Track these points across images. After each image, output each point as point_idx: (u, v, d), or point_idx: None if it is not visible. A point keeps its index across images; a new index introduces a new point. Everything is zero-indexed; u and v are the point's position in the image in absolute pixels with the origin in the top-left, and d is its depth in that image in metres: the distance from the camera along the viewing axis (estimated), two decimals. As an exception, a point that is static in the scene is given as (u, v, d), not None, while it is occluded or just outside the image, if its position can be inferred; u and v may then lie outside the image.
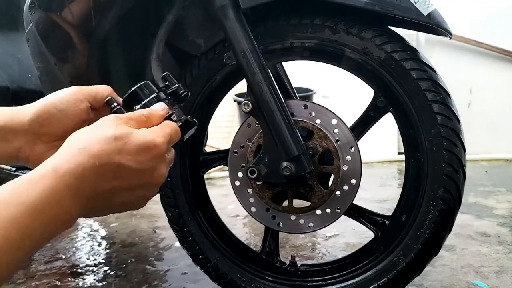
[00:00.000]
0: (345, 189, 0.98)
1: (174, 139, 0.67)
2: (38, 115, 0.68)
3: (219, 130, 2.67)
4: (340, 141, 0.97)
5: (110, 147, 0.57)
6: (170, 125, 0.66)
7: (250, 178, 0.97)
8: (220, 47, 1.04)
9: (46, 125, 0.68)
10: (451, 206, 0.95)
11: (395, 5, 0.89)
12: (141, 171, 0.60)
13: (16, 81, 1.39)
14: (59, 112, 0.68)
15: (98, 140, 0.57)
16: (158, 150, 0.62)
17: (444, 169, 0.94)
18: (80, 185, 0.56)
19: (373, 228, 1.07)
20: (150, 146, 0.60)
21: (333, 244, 1.65)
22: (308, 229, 1.03)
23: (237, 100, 2.02)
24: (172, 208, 1.13)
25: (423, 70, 0.94)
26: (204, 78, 1.06)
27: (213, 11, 0.92)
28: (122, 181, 0.59)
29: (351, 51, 0.97)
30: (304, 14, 0.98)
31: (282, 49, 1.02)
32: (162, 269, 1.49)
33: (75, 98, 0.70)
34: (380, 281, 1.01)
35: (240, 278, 1.11)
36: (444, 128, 0.93)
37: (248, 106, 0.94)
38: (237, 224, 1.87)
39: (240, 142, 1.02)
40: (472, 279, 1.35)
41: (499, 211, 1.93)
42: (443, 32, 0.94)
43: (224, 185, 2.39)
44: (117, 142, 0.58)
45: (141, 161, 0.60)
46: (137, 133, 0.60)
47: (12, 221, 0.49)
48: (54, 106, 0.68)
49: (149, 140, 0.61)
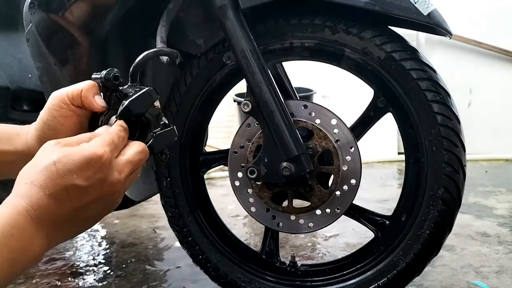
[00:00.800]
0: (345, 189, 0.98)
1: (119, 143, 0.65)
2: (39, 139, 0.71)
3: (219, 130, 2.68)
4: (340, 141, 0.97)
5: (52, 173, 0.58)
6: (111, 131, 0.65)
7: (250, 178, 0.97)
8: (220, 47, 1.04)
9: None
10: (451, 206, 0.95)
11: (395, 5, 0.89)
12: (91, 185, 0.60)
13: (16, 81, 1.39)
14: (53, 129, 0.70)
15: (40, 170, 0.58)
16: (102, 160, 0.60)
17: (444, 169, 0.94)
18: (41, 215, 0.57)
19: (373, 228, 1.07)
20: (92, 159, 0.60)
21: (333, 244, 1.65)
22: (308, 229, 1.03)
23: (237, 100, 2.02)
24: (172, 208, 1.13)
25: (423, 70, 0.94)
26: (204, 78, 1.06)
27: (213, 11, 0.92)
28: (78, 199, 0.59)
29: (351, 51, 0.97)
30: (304, 14, 0.98)
31: (282, 49, 1.02)
32: (162, 269, 1.49)
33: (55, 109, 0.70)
34: (380, 281, 1.01)
35: (240, 278, 1.11)
36: (444, 128, 0.93)
37: (248, 106, 0.94)
38: (237, 224, 1.87)
39: (240, 142, 1.02)
40: (472, 279, 1.35)
41: (499, 211, 1.93)
42: (443, 32, 0.94)
43: (224, 185, 2.39)
44: (57, 166, 0.58)
45: (87, 176, 0.59)
46: (74, 151, 0.60)
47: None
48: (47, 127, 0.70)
49: (88, 154, 0.60)
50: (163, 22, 0.99)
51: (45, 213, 0.57)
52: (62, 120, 0.70)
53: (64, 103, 0.70)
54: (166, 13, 0.99)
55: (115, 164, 0.63)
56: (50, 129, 0.70)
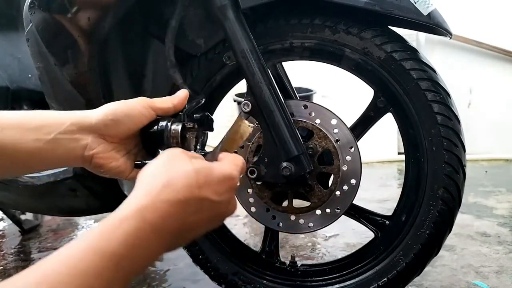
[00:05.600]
0: (345, 189, 0.98)
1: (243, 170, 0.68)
2: (105, 116, 0.70)
3: (219, 130, 2.67)
4: (340, 141, 0.97)
5: (192, 181, 0.57)
6: (239, 157, 0.69)
7: (250, 178, 0.97)
8: (220, 47, 1.04)
9: (111, 126, 0.70)
10: (451, 206, 0.95)
11: (395, 5, 0.89)
12: (219, 203, 0.61)
13: (16, 81, 1.39)
14: (124, 115, 0.70)
15: (179, 175, 0.57)
16: (235, 182, 0.63)
17: (444, 169, 0.94)
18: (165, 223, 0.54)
19: (373, 228, 1.07)
20: (228, 178, 0.62)
21: (333, 244, 1.65)
22: (308, 229, 1.03)
23: (237, 100, 2.02)
24: (172, 208, 1.13)
25: (423, 70, 0.94)
26: (204, 78, 1.06)
27: (213, 11, 0.92)
28: (203, 213, 0.60)
29: (351, 51, 0.97)
30: (304, 14, 0.98)
31: (282, 49, 1.02)
32: (162, 269, 1.49)
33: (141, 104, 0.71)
34: (380, 281, 1.01)
35: (240, 278, 1.11)
36: (444, 128, 0.93)
37: (248, 106, 0.94)
38: (237, 224, 1.87)
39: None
40: (472, 279, 1.35)
41: (499, 211, 1.93)
42: (443, 32, 0.94)
43: (224, 185, 2.38)
44: (198, 176, 0.58)
45: (220, 193, 0.61)
46: (214, 166, 0.62)
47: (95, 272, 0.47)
48: (121, 110, 0.70)
49: (228, 173, 0.62)
50: (169, 42, 0.99)
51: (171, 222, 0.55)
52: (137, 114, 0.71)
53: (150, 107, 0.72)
54: (170, 32, 0.99)
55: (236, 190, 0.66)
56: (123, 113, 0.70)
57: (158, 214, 0.54)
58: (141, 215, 0.52)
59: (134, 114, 0.71)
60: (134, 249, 0.51)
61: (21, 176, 1.21)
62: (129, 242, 0.50)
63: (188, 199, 0.57)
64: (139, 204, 0.53)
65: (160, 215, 0.54)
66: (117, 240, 0.50)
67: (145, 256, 0.53)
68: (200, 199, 0.58)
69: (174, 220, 0.55)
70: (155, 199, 0.54)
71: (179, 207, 0.56)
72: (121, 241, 0.50)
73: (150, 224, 0.53)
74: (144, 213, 0.53)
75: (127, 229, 0.51)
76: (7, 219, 1.90)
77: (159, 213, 0.54)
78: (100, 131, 0.70)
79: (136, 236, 0.51)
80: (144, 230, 0.52)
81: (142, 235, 0.52)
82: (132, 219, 0.52)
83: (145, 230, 0.52)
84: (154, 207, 0.54)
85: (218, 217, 0.63)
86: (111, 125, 0.70)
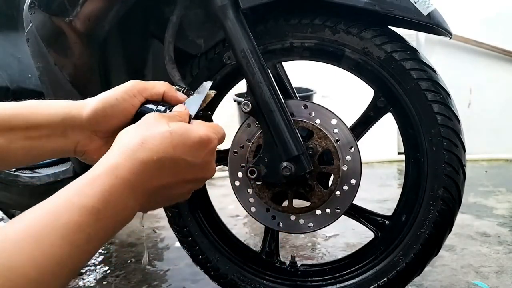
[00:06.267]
0: (345, 189, 0.98)
1: (222, 138, 0.69)
2: (95, 112, 0.70)
3: (219, 130, 2.67)
4: (340, 141, 0.97)
5: (167, 141, 0.58)
6: (218, 125, 0.69)
7: (250, 178, 0.97)
8: (220, 47, 1.04)
9: (102, 122, 0.70)
10: (451, 206, 0.95)
11: (395, 5, 0.89)
12: (196, 165, 0.62)
13: (16, 81, 1.39)
14: (113, 109, 0.70)
15: (154, 136, 0.58)
16: (213, 145, 0.64)
17: (444, 169, 0.94)
18: (138, 181, 0.56)
19: (373, 228, 1.07)
20: (206, 141, 0.62)
21: (333, 244, 1.65)
22: (308, 229, 1.03)
23: (237, 100, 2.02)
24: (172, 208, 1.13)
25: (423, 70, 0.94)
26: (204, 78, 1.06)
27: (213, 11, 0.92)
28: (178, 175, 0.61)
29: (351, 51, 0.97)
30: (304, 14, 0.98)
31: (282, 49, 1.02)
32: (162, 269, 1.49)
33: (129, 94, 0.71)
34: (380, 281, 1.01)
35: (240, 278, 1.11)
36: (444, 128, 0.93)
37: (248, 106, 0.94)
38: (237, 224, 1.87)
39: (240, 142, 1.02)
40: (472, 279, 1.35)
41: (499, 211, 1.93)
42: (443, 32, 0.94)
43: (224, 185, 2.39)
44: (173, 136, 0.59)
45: (196, 155, 0.61)
46: (191, 128, 0.62)
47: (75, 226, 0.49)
48: (110, 104, 0.70)
49: (205, 135, 0.62)
50: (169, 38, 0.99)
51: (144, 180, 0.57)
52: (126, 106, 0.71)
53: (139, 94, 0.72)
54: (171, 27, 0.99)
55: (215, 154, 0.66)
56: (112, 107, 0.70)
57: (132, 171, 0.55)
58: (114, 172, 0.54)
59: (124, 107, 0.71)
60: (111, 204, 0.53)
61: (21, 176, 1.21)
62: (106, 198, 0.52)
63: (162, 158, 0.58)
64: (113, 162, 0.55)
65: (133, 172, 0.55)
66: (94, 196, 0.52)
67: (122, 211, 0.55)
68: (175, 159, 0.59)
69: (148, 178, 0.57)
70: (128, 157, 0.56)
71: (153, 166, 0.57)
72: (99, 197, 0.52)
73: (124, 181, 0.54)
74: (117, 171, 0.54)
75: (102, 186, 0.53)
76: (7, 219, 1.90)
77: (132, 170, 0.55)
78: (91, 127, 0.71)
79: (111, 192, 0.53)
80: (118, 187, 0.54)
81: (116, 191, 0.54)
82: (106, 176, 0.54)
83: (119, 186, 0.54)
84: (128, 165, 0.55)
85: (194, 180, 0.64)
86: (102, 121, 0.70)
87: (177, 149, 0.59)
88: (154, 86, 0.74)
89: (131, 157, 0.56)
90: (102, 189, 0.53)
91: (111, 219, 0.53)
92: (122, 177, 0.54)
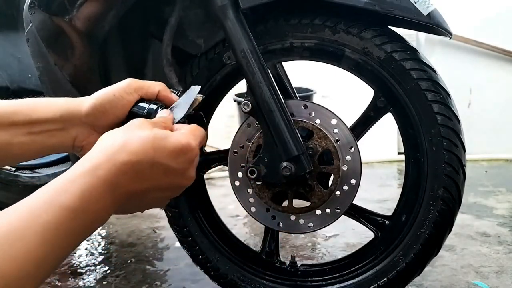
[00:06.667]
0: (345, 189, 0.98)
1: (203, 142, 0.70)
2: (94, 108, 0.72)
3: (219, 130, 2.68)
4: (340, 141, 0.97)
5: (148, 145, 0.60)
6: (199, 129, 0.70)
7: (250, 178, 0.97)
8: (220, 47, 1.04)
9: (100, 118, 0.73)
10: (451, 206, 0.95)
11: (395, 5, 0.89)
12: (174, 171, 0.63)
13: (16, 81, 1.39)
14: (111, 105, 0.72)
15: (135, 139, 0.60)
16: (192, 153, 0.65)
17: (444, 169, 0.94)
18: (118, 182, 0.57)
19: (373, 228, 1.07)
20: (186, 148, 0.63)
21: (333, 244, 1.65)
22: (308, 229, 1.03)
23: (237, 100, 2.02)
24: (172, 208, 1.13)
25: (423, 70, 0.94)
26: (204, 78, 1.06)
27: (213, 11, 0.92)
28: (156, 180, 0.61)
29: (351, 51, 0.97)
30: (304, 14, 0.98)
31: (282, 49, 1.02)
32: (162, 269, 1.49)
33: (126, 91, 0.74)
34: (380, 281, 1.01)
35: (240, 278, 1.11)
36: (444, 128, 0.93)
37: (248, 106, 0.94)
38: (237, 224, 1.87)
39: (240, 142, 1.02)
40: (472, 279, 1.35)
41: (499, 211, 1.93)
42: (443, 32, 0.94)
43: (224, 185, 2.39)
44: (155, 140, 0.60)
45: (176, 161, 0.62)
46: (173, 134, 0.64)
47: (54, 225, 0.50)
48: (108, 100, 0.73)
49: (185, 142, 0.63)
50: (167, 40, 0.99)
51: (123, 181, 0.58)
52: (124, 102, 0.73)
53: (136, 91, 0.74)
54: (169, 30, 0.99)
55: (195, 161, 0.67)
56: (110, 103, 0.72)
57: (111, 172, 0.56)
58: (95, 172, 0.55)
59: (123, 104, 0.73)
60: (90, 204, 0.54)
61: (21, 176, 1.21)
62: (85, 197, 0.53)
63: (142, 161, 0.59)
64: (94, 162, 0.56)
65: (113, 173, 0.56)
66: (73, 195, 0.53)
67: (100, 211, 0.56)
68: (154, 163, 0.60)
69: (127, 180, 0.58)
70: (109, 158, 0.57)
71: (133, 168, 0.58)
72: (78, 196, 0.53)
73: (103, 181, 0.55)
74: (97, 171, 0.56)
75: (82, 185, 0.54)
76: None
77: (112, 171, 0.56)
78: (90, 122, 0.73)
79: (90, 192, 0.54)
80: (98, 186, 0.55)
81: (96, 191, 0.55)
82: (87, 175, 0.55)
83: (98, 186, 0.55)
84: (108, 166, 0.56)
85: (172, 186, 0.65)
86: (101, 116, 0.72)
87: (157, 153, 0.60)
88: (150, 85, 0.76)
89: (111, 158, 0.57)
90: (82, 188, 0.54)
91: (89, 219, 0.54)
92: (102, 177, 0.55)
